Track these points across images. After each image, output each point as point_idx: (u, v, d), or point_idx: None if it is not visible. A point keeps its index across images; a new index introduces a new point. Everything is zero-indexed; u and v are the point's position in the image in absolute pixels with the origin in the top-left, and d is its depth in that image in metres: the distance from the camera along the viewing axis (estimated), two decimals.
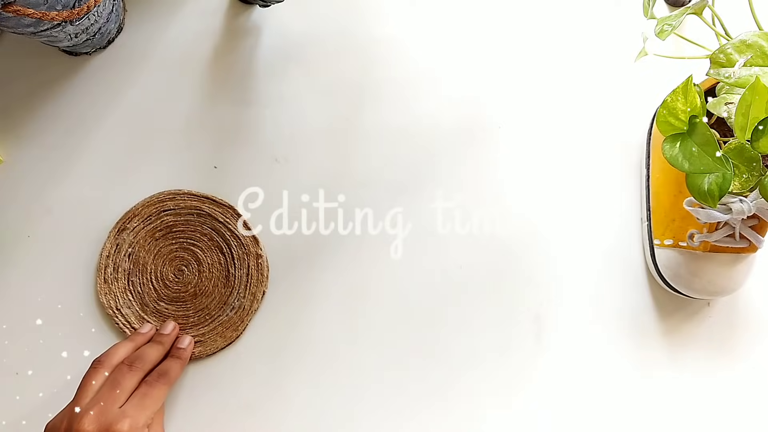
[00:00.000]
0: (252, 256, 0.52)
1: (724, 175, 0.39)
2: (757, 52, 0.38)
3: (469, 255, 0.53)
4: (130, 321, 0.51)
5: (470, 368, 0.52)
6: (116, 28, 0.56)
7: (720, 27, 0.43)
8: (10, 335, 0.51)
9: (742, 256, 0.48)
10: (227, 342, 0.51)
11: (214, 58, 0.57)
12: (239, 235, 0.52)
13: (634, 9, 0.54)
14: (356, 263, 0.53)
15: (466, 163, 0.55)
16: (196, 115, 0.56)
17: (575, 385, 0.52)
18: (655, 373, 0.52)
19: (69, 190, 0.54)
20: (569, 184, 0.55)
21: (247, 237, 0.52)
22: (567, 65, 0.57)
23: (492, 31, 0.58)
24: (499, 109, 0.57)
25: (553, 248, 0.54)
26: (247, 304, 0.52)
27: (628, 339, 0.53)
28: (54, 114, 0.55)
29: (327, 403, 0.51)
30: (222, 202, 0.53)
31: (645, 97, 0.55)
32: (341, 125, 0.56)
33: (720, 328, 0.53)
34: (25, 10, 0.42)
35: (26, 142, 0.54)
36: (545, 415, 0.51)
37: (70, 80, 0.56)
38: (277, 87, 0.56)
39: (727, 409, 0.52)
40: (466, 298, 0.53)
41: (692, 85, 0.40)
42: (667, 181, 0.51)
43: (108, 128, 0.55)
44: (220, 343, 0.51)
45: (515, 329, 0.52)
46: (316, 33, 0.58)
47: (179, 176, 0.54)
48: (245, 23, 0.58)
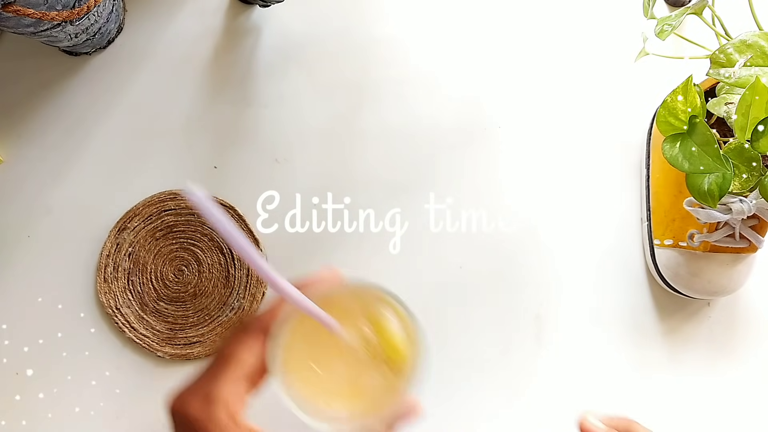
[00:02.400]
0: None
1: (724, 175, 0.39)
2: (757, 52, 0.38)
3: (470, 255, 0.53)
4: (130, 321, 0.51)
5: (471, 367, 0.52)
6: (116, 28, 0.56)
7: (720, 27, 0.43)
8: (10, 335, 0.52)
9: (742, 256, 0.48)
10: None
11: (214, 58, 0.57)
12: None
13: (634, 9, 0.54)
14: (356, 263, 0.53)
15: (466, 163, 0.55)
16: (196, 115, 0.56)
17: (575, 385, 0.52)
18: (655, 373, 0.52)
19: (69, 189, 0.54)
20: (569, 184, 0.55)
21: (248, 237, 0.52)
22: (567, 65, 0.57)
23: (492, 31, 0.58)
24: (498, 109, 0.57)
25: (553, 248, 0.54)
26: (246, 305, 0.52)
27: (628, 339, 0.53)
28: (54, 114, 0.55)
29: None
30: (223, 203, 0.53)
31: (645, 97, 0.55)
32: (341, 125, 0.56)
33: (720, 328, 0.53)
34: (25, 10, 0.42)
35: (26, 142, 0.54)
36: (545, 414, 0.51)
37: (70, 80, 0.56)
38: (277, 87, 0.56)
39: (728, 409, 0.52)
40: (466, 298, 0.53)
41: (692, 85, 0.40)
42: (667, 181, 0.51)
43: (108, 128, 0.55)
44: (219, 344, 0.51)
45: (515, 329, 0.52)
46: (316, 33, 0.58)
47: (179, 176, 0.54)
48: (245, 23, 0.58)
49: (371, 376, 0.32)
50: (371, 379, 0.32)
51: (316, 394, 0.32)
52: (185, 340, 0.51)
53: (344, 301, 0.33)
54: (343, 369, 0.32)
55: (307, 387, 0.32)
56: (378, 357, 0.32)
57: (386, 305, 0.32)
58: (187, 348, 0.51)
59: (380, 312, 0.32)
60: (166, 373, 0.51)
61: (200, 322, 0.51)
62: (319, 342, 0.32)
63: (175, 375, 0.51)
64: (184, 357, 0.51)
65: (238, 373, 0.30)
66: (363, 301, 0.33)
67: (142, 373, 0.51)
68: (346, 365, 0.32)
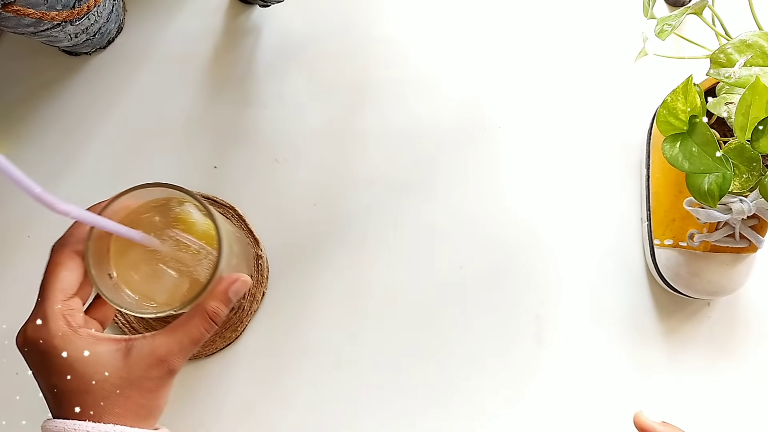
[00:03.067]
0: (252, 256, 0.52)
1: (724, 175, 0.39)
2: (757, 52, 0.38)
3: (469, 255, 0.53)
4: (130, 320, 0.51)
5: (471, 367, 0.52)
6: (116, 28, 0.56)
7: (720, 27, 0.43)
8: (10, 335, 0.51)
9: (742, 256, 0.48)
10: (226, 342, 0.51)
11: (214, 57, 0.57)
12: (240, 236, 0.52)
13: (634, 9, 0.54)
14: (356, 263, 0.53)
15: (466, 163, 0.55)
16: (196, 115, 0.56)
17: (575, 385, 0.52)
18: (655, 373, 0.52)
19: (69, 189, 0.54)
20: (569, 183, 0.55)
21: (247, 237, 0.52)
22: (567, 65, 0.57)
23: (492, 31, 0.58)
24: (499, 109, 0.57)
25: (553, 248, 0.54)
26: (246, 305, 0.52)
27: (628, 339, 0.53)
28: (54, 114, 0.55)
29: (328, 403, 0.51)
30: (223, 203, 0.53)
31: (645, 97, 0.55)
32: (341, 125, 0.56)
33: (720, 328, 0.53)
34: (25, 10, 0.42)
35: (26, 142, 0.54)
36: (546, 414, 0.51)
37: (70, 80, 0.56)
38: (277, 87, 0.56)
39: (728, 409, 0.52)
40: (466, 298, 0.53)
41: (692, 85, 0.40)
42: (667, 181, 0.51)
43: (108, 128, 0.55)
44: (219, 343, 0.51)
45: (515, 329, 0.52)
46: (316, 33, 0.58)
47: (179, 176, 0.54)
48: (245, 23, 0.58)
49: (184, 264, 0.37)
50: (186, 268, 0.37)
51: (141, 296, 0.36)
52: None
53: (144, 211, 0.37)
54: (156, 267, 0.37)
55: (133, 291, 0.36)
56: (190, 245, 0.37)
57: (178, 202, 0.37)
58: None
59: (177, 210, 0.37)
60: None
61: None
62: (131, 248, 0.37)
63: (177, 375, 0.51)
64: None
65: (65, 291, 0.33)
66: (160, 207, 0.37)
67: None
68: (157, 262, 0.37)
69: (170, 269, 0.37)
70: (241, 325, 0.51)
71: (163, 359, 0.33)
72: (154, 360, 0.33)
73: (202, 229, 0.37)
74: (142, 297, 0.36)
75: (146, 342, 0.33)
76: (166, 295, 0.37)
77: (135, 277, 0.37)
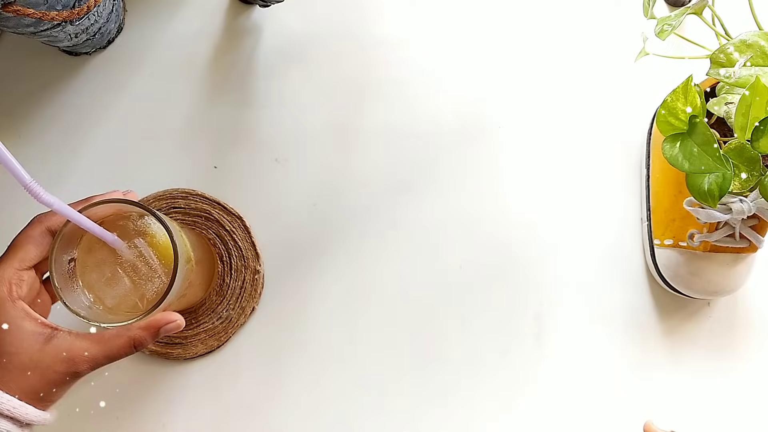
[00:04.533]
0: (250, 270, 0.52)
1: (724, 175, 0.39)
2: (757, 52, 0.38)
3: (470, 255, 0.53)
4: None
5: (471, 368, 0.52)
6: (116, 28, 0.56)
7: (720, 27, 0.43)
8: None
9: (742, 256, 0.48)
10: (207, 350, 0.51)
11: (214, 58, 0.57)
12: (242, 247, 0.52)
13: (634, 9, 0.54)
14: (356, 263, 0.53)
15: (466, 163, 0.55)
16: (196, 115, 0.56)
17: (575, 384, 0.52)
18: (655, 373, 0.52)
19: (69, 188, 0.54)
20: (569, 183, 0.55)
21: (249, 250, 0.52)
22: (567, 65, 0.57)
23: (492, 31, 0.58)
24: (499, 109, 0.57)
25: (553, 248, 0.54)
26: (234, 316, 0.51)
27: (628, 339, 0.53)
28: (54, 114, 0.55)
29: (328, 404, 0.51)
30: (232, 211, 0.53)
31: (645, 97, 0.55)
32: (341, 125, 0.56)
33: (720, 328, 0.53)
34: (25, 10, 0.42)
35: (27, 142, 0.54)
36: (546, 415, 0.51)
37: (70, 80, 0.56)
38: (277, 87, 0.56)
39: (728, 409, 0.52)
40: (466, 298, 0.53)
41: (692, 85, 0.40)
42: (667, 181, 0.51)
43: (108, 128, 0.55)
44: (200, 349, 0.51)
45: (515, 329, 0.52)
46: (316, 33, 0.58)
47: (179, 176, 0.54)
48: (245, 23, 0.58)
49: (138, 276, 0.38)
50: (140, 280, 0.38)
51: (93, 294, 0.38)
52: (167, 339, 0.51)
53: (120, 219, 0.38)
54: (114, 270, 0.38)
55: (85, 285, 0.38)
56: (151, 262, 0.38)
57: (147, 221, 0.38)
58: (168, 347, 0.51)
59: (152, 226, 0.38)
60: (168, 372, 0.51)
61: (186, 325, 0.51)
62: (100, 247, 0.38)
63: (178, 374, 0.51)
64: (164, 356, 0.51)
65: (23, 260, 0.35)
66: (138, 218, 0.38)
67: (142, 373, 0.51)
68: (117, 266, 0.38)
69: (126, 276, 0.38)
70: (224, 335, 0.51)
71: (74, 361, 0.34)
72: (66, 358, 0.34)
73: (165, 249, 0.38)
74: (94, 296, 0.37)
75: (68, 338, 0.34)
76: (116, 300, 0.38)
77: (93, 274, 0.38)
